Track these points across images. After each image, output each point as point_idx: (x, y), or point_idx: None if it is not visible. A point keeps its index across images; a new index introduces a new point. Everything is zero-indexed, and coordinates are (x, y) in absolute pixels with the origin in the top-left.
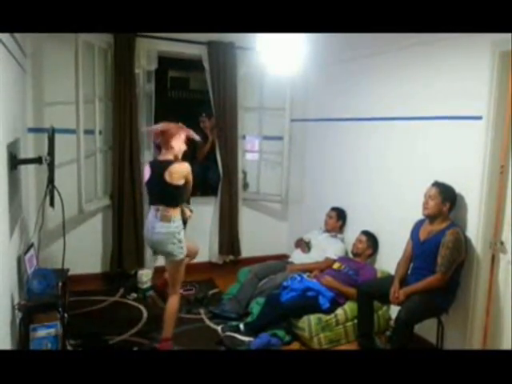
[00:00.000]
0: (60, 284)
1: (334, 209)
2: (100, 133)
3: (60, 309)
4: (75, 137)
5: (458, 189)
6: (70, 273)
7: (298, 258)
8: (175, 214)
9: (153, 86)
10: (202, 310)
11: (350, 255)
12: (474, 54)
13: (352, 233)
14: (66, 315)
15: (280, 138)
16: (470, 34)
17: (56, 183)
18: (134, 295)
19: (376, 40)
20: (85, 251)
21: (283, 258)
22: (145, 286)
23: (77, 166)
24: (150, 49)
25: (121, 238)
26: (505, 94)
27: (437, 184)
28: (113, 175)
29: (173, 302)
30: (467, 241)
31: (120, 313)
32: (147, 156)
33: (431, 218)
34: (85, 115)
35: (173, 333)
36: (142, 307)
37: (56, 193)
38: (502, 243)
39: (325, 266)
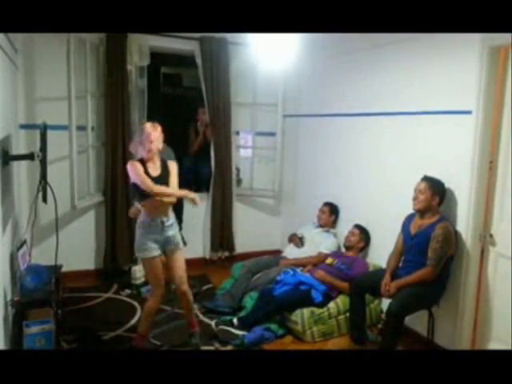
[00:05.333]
0: (53, 280)
1: (326, 204)
2: (92, 129)
3: (53, 305)
4: (67, 133)
5: (447, 183)
6: (64, 269)
7: (292, 252)
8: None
9: (145, 82)
10: (195, 305)
11: (343, 249)
12: (463, 49)
13: (345, 227)
14: (59, 311)
15: (273, 134)
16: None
17: (48, 179)
18: (128, 291)
19: (367, 35)
20: (78, 248)
21: (277, 253)
22: (138, 282)
23: (69, 162)
24: (141, 44)
25: (114, 235)
26: (494, 88)
27: (426, 178)
28: (105, 171)
29: (147, 304)
30: (457, 234)
31: (113, 309)
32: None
33: (421, 212)
34: (77, 111)
35: (146, 331)
36: (135, 303)
37: (48, 189)
38: (491, 236)
39: (317, 261)
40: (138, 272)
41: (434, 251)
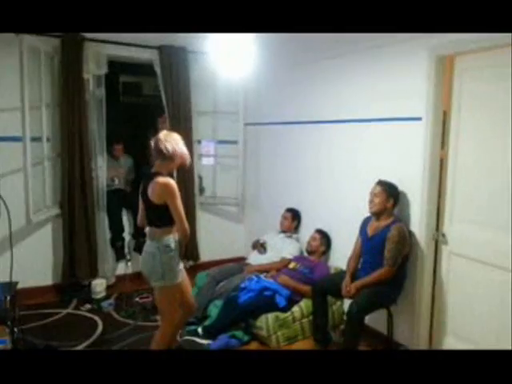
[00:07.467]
0: (8, 298)
1: (288, 210)
2: (48, 140)
3: (9, 323)
4: (21, 144)
5: (400, 186)
6: (20, 286)
7: (255, 259)
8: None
9: (103, 91)
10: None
11: (305, 254)
12: (413, 58)
13: (307, 232)
14: (15, 330)
15: (235, 142)
16: (410, 39)
17: (1, 193)
18: (88, 306)
19: (323, 46)
20: (34, 263)
21: (241, 260)
22: (99, 296)
23: (23, 175)
24: (98, 52)
25: (72, 248)
26: (441, 95)
27: (381, 182)
28: (62, 183)
29: (158, 334)
30: (411, 235)
31: (74, 325)
32: (99, 162)
33: (377, 214)
34: (31, 122)
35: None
36: (96, 318)
37: (1, 203)
38: (443, 235)
39: (281, 266)
40: (99, 286)
41: (389, 252)
